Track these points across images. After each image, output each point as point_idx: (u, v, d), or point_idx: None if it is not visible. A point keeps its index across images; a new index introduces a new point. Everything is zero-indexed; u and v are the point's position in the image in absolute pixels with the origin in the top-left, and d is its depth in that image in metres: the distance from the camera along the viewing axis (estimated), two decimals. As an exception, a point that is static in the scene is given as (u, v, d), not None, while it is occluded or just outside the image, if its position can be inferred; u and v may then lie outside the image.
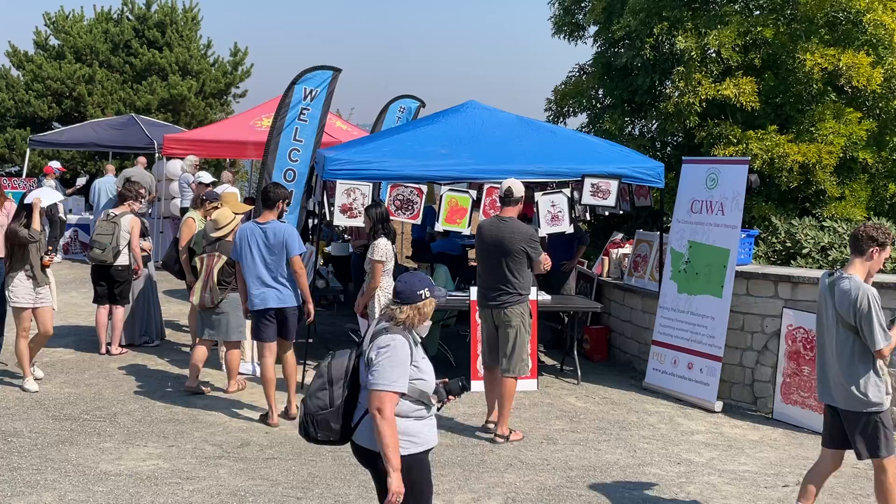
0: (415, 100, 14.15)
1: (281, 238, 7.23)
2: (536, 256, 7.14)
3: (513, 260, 7.08)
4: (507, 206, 7.22)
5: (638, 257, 9.91)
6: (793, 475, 6.63)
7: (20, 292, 7.97)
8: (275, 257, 7.24)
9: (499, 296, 7.17)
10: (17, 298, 7.98)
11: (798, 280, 8.05)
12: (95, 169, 21.78)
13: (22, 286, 7.95)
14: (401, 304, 4.17)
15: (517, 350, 7.16)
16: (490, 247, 7.19)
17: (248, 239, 7.29)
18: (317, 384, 4.30)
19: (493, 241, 7.16)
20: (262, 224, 7.32)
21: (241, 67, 24.77)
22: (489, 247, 7.20)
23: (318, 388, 4.28)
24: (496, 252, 7.15)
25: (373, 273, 7.68)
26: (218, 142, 15.05)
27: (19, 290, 7.97)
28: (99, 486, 5.99)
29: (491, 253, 7.19)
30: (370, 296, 7.74)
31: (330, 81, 9.72)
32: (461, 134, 9.15)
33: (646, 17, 11.39)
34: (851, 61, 10.08)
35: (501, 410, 7.18)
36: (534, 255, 7.13)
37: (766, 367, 8.26)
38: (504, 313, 7.16)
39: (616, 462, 6.78)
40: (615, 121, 11.93)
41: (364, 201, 8.54)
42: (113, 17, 24.31)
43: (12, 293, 7.98)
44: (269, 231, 7.25)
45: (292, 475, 6.30)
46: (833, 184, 10.43)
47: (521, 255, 7.09)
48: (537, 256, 7.14)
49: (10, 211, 8.43)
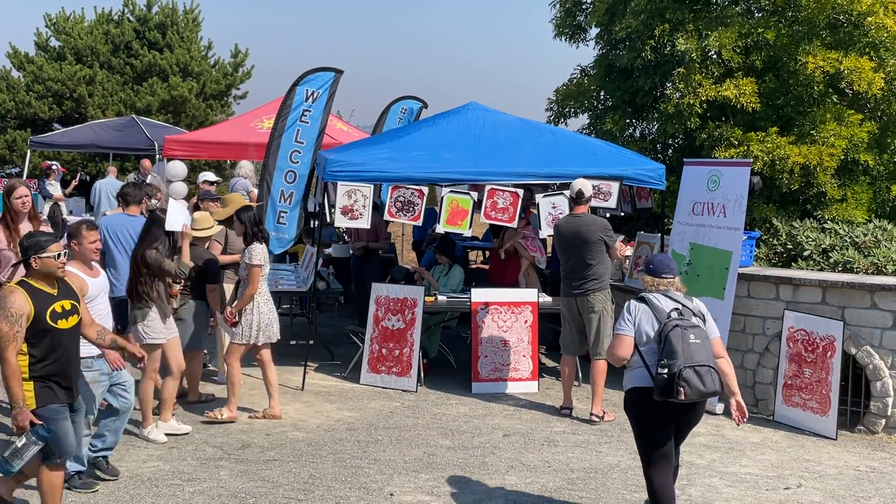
0: (417, 101, 14.13)
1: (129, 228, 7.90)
2: (612, 243, 7.90)
3: (592, 249, 7.76)
4: (579, 205, 7.96)
5: (639, 259, 9.90)
6: (794, 477, 6.62)
7: (157, 326, 6.94)
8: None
9: (581, 284, 7.88)
10: (154, 334, 6.92)
11: (799, 282, 8.04)
12: (96, 170, 21.79)
13: (158, 320, 6.95)
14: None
15: (602, 333, 7.86)
16: (569, 240, 7.89)
17: (118, 230, 8.02)
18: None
19: (572, 235, 7.85)
20: (132, 217, 8.05)
21: (241, 69, 24.79)
22: (568, 240, 7.90)
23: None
24: (576, 244, 7.83)
25: (251, 279, 7.33)
26: (219, 143, 15.03)
27: (156, 325, 6.93)
28: (100, 488, 5.98)
29: (571, 246, 7.88)
30: (247, 301, 7.34)
31: (332, 83, 9.72)
32: (462, 135, 9.14)
33: (647, 19, 11.38)
34: (853, 65, 10.07)
35: (596, 390, 7.86)
36: (610, 243, 7.85)
37: (767, 370, 8.25)
38: (587, 300, 7.86)
39: (617, 464, 6.77)
40: (616, 122, 11.92)
41: (365, 203, 8.54)
42: (114, 18, 24.33)
43: (149, 328, 6.90)
44: (140, 224, 7.69)
45: (293, 477, 6.30)
46: (834, 186, 10.41)
47: (599, 244, 7.79)
48: (613, 243, 7.92)
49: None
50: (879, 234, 8.77)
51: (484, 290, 9.04)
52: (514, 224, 8.87)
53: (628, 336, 5.34)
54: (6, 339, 4.82)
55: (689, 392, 5.03)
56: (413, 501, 5.95)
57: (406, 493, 6.06)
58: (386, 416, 7.80)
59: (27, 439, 4.90)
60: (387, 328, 8.73)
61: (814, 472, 6.75)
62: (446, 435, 7.34)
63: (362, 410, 7.95)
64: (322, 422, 7.61)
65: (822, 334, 7.70)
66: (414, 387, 8.56)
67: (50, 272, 5.02)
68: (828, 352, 7.65)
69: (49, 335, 4.97)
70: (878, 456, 7.19)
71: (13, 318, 4.83)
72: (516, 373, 8.73)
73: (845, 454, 7.21)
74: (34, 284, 5.00)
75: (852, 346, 7.71)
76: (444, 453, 6.89)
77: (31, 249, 4.99)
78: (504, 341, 8.76)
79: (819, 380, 7.69)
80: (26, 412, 4.89)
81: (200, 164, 21.36)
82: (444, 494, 6.06)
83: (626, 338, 5.34)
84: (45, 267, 5.00)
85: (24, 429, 4.88)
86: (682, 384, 5.03)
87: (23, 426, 4.88)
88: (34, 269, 5.00)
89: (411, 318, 8.66)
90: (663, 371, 5.07)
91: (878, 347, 7.65)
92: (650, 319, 5.29)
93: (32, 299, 4.92)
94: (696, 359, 5.07)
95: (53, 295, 5.04)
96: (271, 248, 9.44)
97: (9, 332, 4.82)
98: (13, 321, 4.83)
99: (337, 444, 7.05)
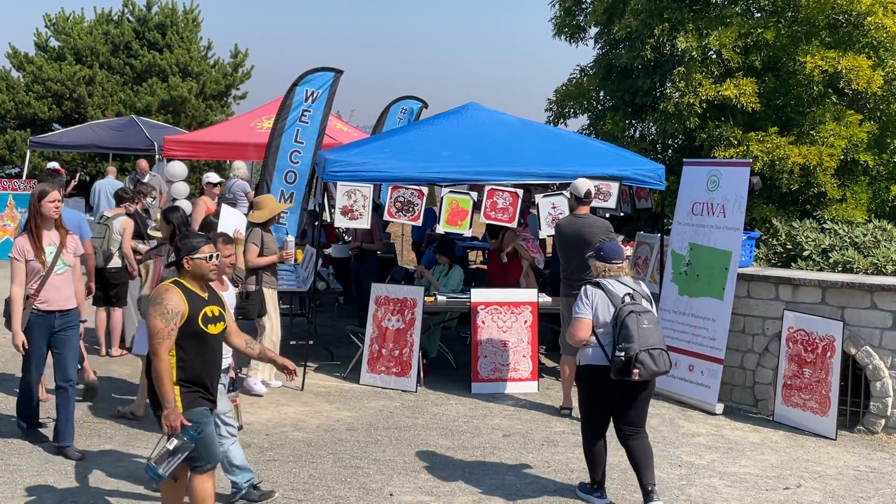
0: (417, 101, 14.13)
1: (75, 223, 7.82)
2: None
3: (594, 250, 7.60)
4: (582, 205, 7.91)
5: (638, 259, 9.90)
6: (794, 477, 6.62)
7: None
8: None
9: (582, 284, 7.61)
10: None
11: (799, 282, 8.04)
12: (96, 170, 21.79)
13: None
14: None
15: None
16: (571, 241, 7.83)
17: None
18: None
19: (574, 236, 7.80)
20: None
21: (241, 69, 24.80)
22: (570, 241, 7.84)
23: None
24: (578, 245, 7.76)
25: None
26: (218, 143, 15.04)
27: None
28: (102, 487, 5.98)
29: (573, 246, 7.80)
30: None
31: (331, 83, 9.73)
32: (462, 136, 9.15)
33: (647, 18, 11.38)
34: (852, 64, 10.08)
35: None
36: None
37: (766, 370, 8.25)
38: None
39: (617, 464, 6.76)
40: (616, 122, 11.92)
41: (365, 203, 8.54)
42: (113, 18, 24.34)
43: None
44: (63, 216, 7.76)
45: (293, 477, 6.30)
46: (834, 186, 10.42)
47: None
48: None
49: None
50: (879, 235, 8.77)
51: (483, 290, 9.04)
52: (514, 224, 8.87)
53: (587, 319, 5.74)
54: (160, 336, 4.70)
55: (643, 372, 5.54)
56: (413, 501, 5.95)
57: (406, 494, 6.06)
58: (386, 417, 7.80)
59: (179, 441, 4.72)
60: (386, 328, 8.73)
61: (813, 473, 6.75)
62: (446, 435, 7.34)
63: (362, 411, 7.95)
64: (322, 422, 7.61)
65: (822, 334, 7.70)
66: (413, 387, 8.56)
67: (202, 274, 4.92)
68: (827, 352, 7.65)
69: (198, 339, 4.84)
70: (877, 456, 7.19)
71: (168, 316, 4.71)
72: (516, 373, 8.73)
73: (845, 454, 7.21)
74: (187, 285, 4.88)
75: (852, 347, 7.71)
76: (444, 453, 6.89)
77: (184, 250, 4.88)
78: (504, 341, 8.76)
79: (819, 380, 7.69)
80: (178, 412, 4.74)
81: (200, 165, 21.38)
82: (444, 494, 6.07)
83: (585, 320, 5.74)
84: (198, 269, 4.89)
85: (175, 430, 4.72)
86: (637, 365, 5.52)
87: (174, 426, 4.72)
88: (186, 270, 4.89)
89: (411, 318, 8.66)
90: (621, 354, 5.53)
91: (877, 347, 7.65)
92: (606, 304, 5.72)
93: (187, 299, 4.81)
94: (650, 342, 5.57)
95: (205, 298, 4.92)
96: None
97: (164, 328, 4.70)
98: (168, 318, 4.71)
99: (336, 444, 7.05)
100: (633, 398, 5.77)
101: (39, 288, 6.39)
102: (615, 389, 5.72)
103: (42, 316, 6.43)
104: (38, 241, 6.40)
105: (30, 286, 6.39)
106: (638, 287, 5.83)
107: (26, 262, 6.37)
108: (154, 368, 4.77)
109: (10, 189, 15.84)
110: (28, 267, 6.37)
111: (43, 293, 6.40)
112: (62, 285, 6.49)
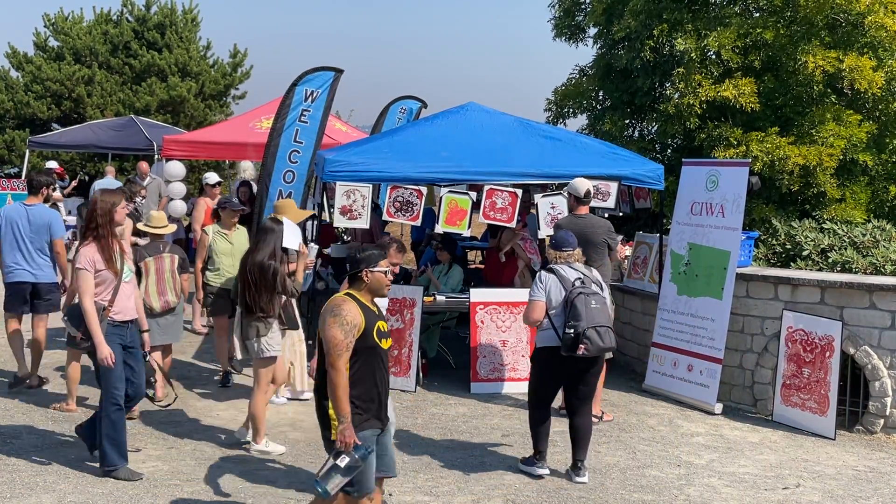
0: (416, 100, 14.11)
1: (45, 221, 8.07)
2: (615, 246, 7.95)
3: (595, 251, 7.70)
4: (581, 204, 7.90)
5: (637, 259, 9.91)
6: (792, 477, 6.62)
7: (277, 339, 6.75)
8: (34, 237, 8.03)
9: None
10: (275, 348, 6.72)
11: (798, 282, 8.04)
12: (95, 170, 21.77)
13: (278, 333, 6.78)
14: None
15: None
16: None
17: (14, 219, 8.06)
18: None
19: (576, 235, 7.67)
20: (28, 206, 8.09)
21: (240, 69, 24.79)
22: None
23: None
24: (579, 244, 7.68)
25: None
26: (217, 143, 15.03)
27: (276, 338, 6.74)
28: (98, 487, 5.98)
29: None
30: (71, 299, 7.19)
31: (331, 83, 9.70)
32: (461, 136, 9.14)
33: (646, 19, 11.39)
34: (854, 64, 10.07)
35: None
36: (613, 245, 7.89)
37: (765, 370, 8.25)
38: None
39: (616, 464, 6.77)
40: (615, 122, 11.93)
41: (364, 203, 8.53)
42: (112, 18, 24.33)
43: (270, 342, 6.67)
44: (33, 213, 8.05)
45: (292, 476, 6.29)
46: (833, 186, 10.43)
47: (603, 246, 7.79)
48: (616, 246, 7.98)
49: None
50: (878, 234, 8.78)
51: (483, 290, 9.03)
52: (513, 224, 8.87)
53: (541, 301, 6.27)
54: (339, 348, 4.56)
55: (590, 348, 6.05)
56: (412, 501, 5.95)
57: (405, 493, 6.06)
58: (385, 416, 7.79)
59: (350, 459, 4.55)
60: (385, 328, 8.71)
61: (812, 472, 6.75)
62: (445, 435, 7.34)
63: (361, 410, 7.94)
64: (321, 422, 7.60)
65: (821, 334, 7.70)
66: (413, 387, 8.56)
67: (379, 288, 4.79)
68: (826, 352, 7.65)
69: (372, 353, 4.70)
70: (876, 456, 7.19)
71: (347, 328, 4.58)
72: (515, 373, 8.73)
73: (844, 454, 7.21)
74: (360, 298, 4.75)
75: (851, 346, 7.71)
76: (443, 453, 6.89)
77: (364, 262, 4.75)
78: (503, 341, 8.76)
79: (818, 380, 7.69)
80: (352, 428, 4.59)
81: (199, 165, 21.37)
82: (443, 494, 6.06)
83: (540, 303, 6.27)
84: (376, 282, 4.77)
85: (349, 446, 4.57)
86: (584, 341, 6.02)
87: (349, 443, 4.57)
88: (364, 282, 4.76)
89: (410, 318, 8.66)
90: (570, 331, 6.05)
91: (876, 347, 7.66)
92: (558, 287, 6.25)
93: (363, 312, 4.67)
94: (597, 321, 6.08)
95: (376, 313, 4.79)
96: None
97: (342, 340, 4.57)
98: (347, 331, 4.58)
99: (336, 444, 7.04)
100: (583, 373, 6.28)
101: (113, 298, 6.12)
102: (567, 367, 6.23)
103: (117, 327, 6.16)
104: (109, 251, 6.11)
105: (102, 297, 6.08)
106: (589, 273, 6.40)
107: (96, 273, 6.05)
108: (331, 381, 4.59)
109: (9, 189, 15.82)
110: (98, 277, 6.06)
111: (116, 303, 6.13)
112: (130, 293, 6.28)
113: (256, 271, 6.62)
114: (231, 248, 8.40)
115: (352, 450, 4.57)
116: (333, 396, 4.60)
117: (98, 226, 6.11)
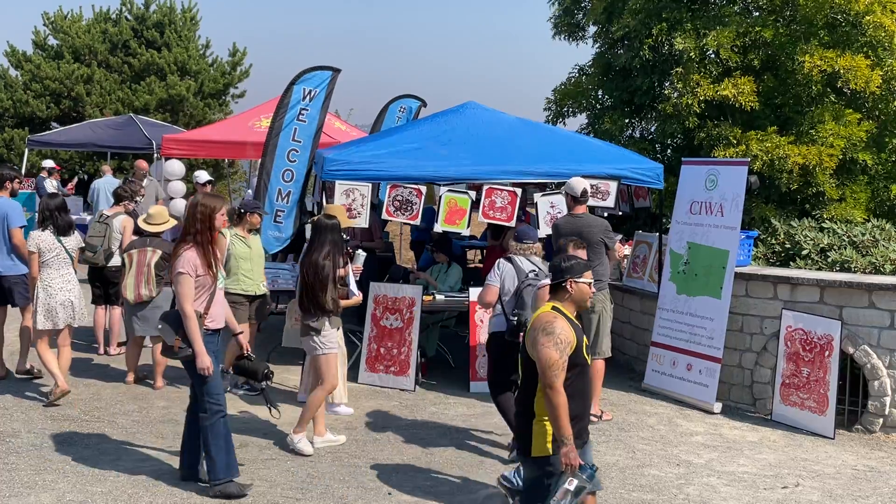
0: (415, 99, 14.10)
1: (2, 212, 8.12)
2: (612, 245, 7.96)
3: (592, 250, 7.63)
4: (578, 204, 7.93)
5: (637, 258, 9.90)
6: (791, 477, 6.62)
7: (333, 336, 6.80)
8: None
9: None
10: (331, 345, 6.77)
11: (797, 281, 8.04)
12: (94, 169, 21.76)
13: (333, 330, 6.80)
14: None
15: (601, 333, 7.94)
16: None
17: None
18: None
19: (572, 234, 7.76)
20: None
21: (239, 68, 24.78)
22: None
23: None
24: None
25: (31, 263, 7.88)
26: (216, 142, 15.03)
27: (333, 335, 6.78)
28: (97, 486, 5.97)
29: None
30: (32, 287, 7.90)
31: (329, 82, 9.71)
32: (460, 134, 9.14)
33: (645, 18, 11.39)
34: (849, 64, 10.08)
35: (593, 390, 7.66)
36: (610, 244, 7.91)
37: (765, 369, 8.25)
38: None
39: (615, 463, 6.77)
40: (615, 122, 11.93)
41: (363, 202, 8.53)
42: (111, 17, 24.32)
43: (327, 339, 6.72)
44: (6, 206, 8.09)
45: (291, 476, 6.29)
46: (833, 185, 10.43)
47: (600, 245, 7.80)
48: (613, 245, 7.99)
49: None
50: (877, 234, 8.78)
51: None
52: (513, 223, 8.87)
53: (495, 286, 6.65)
54: (556, 368, 4.39)
55: None
56: (411, 501, 5.95)
57: (404, 493, 6.06)
58: (384, 416, 7.79)
59: (579, 482, 4.39)
60: (385, 327, 8.72)
61: (811, 472, 6.75)
62: (444, 434, 7.34)
63: (360, 409, 7.94)
64: (320, 421, 7.60)
65: (820, 334, 7.70)
66: (412, 386, 8.56)
67: (582, 299, 4.67)
68: (825, 351, 7.66)
69: (581, 370, 4.55)
70: (875, 455, 7.20)
71: (562, 347, 4.43)
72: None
73: (843, 453, 7.22)
74: (566, 312, 4.59)
75: (850, 346, 7.72)
76: (442, 453, 6.89)
77: (569, 272, 4.63)
78: (502, 340, 8.74)
79: (817, 379, 7.70)
80: (576, 451, 4.42)
81: (198, 163, 21.36)
82: (443, 494, 6.06)
83: (494, 287, 6.66)
84: (580, 293, 4.65)
85: (575, 468, 4.40)
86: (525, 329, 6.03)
87: (575, 465, 4.40)
88: (569, 293, 4.64)
89: (409, 317, 8.66)
90: (514, 318, 6.40)
91: (875, 347, 7.66)
92: (513, 276, 6.62)
93: (573, 328, 4.51)
94: None
95: (579, 326, 4.62)
96: (268, 247, 9.44)
97: (558, 360, 4.40)
98: (562, 349, 4.43)
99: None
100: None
101: (208, 305, 5.90)
102: (514, 354, 6.14)
103: (211, 334, 5.94)
104: (209, 256, 5.86)
105: (198, 304, 5.85)
106: (544, 267, 6.61)
107: (196, 278, 5.82)
108: (550, 402, 4.41)
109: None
110: (196, 282, 5.82)
111: (212, 310, 5.92)
112: (222, 300, 6.09)
113: (312, 270, 6.62)
114: (249, 252, 8.24)
115: (578, 471, 4.41)
116: (555, 418, 4.41)
117: (198, 231, 5.86)
